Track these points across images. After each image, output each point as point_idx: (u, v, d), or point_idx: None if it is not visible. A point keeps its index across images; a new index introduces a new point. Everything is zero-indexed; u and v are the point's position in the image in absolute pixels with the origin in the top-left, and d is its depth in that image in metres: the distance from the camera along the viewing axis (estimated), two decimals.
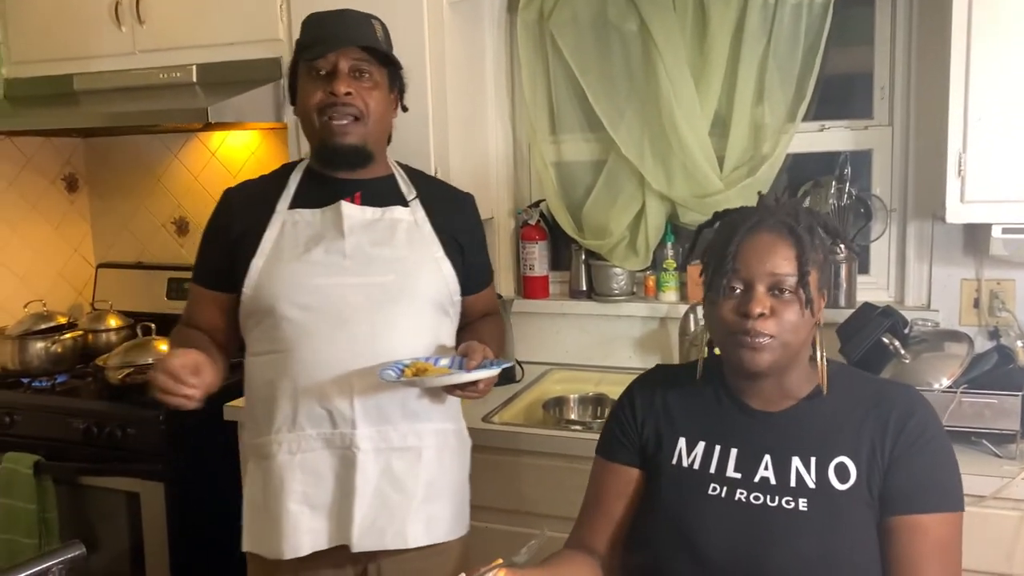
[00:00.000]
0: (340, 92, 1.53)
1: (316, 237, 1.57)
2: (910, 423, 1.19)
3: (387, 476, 1.55)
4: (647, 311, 2.51)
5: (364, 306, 1.54)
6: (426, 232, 1.63)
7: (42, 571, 1.19)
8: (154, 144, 3.01)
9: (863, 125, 2.32)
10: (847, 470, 1.19)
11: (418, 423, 1.58)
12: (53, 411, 2.43)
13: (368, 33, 1.58)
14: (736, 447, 1.25)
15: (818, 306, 1.21)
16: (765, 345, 1.18)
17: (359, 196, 1.61)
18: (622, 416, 1.37)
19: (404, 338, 1.56)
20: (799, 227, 1.19)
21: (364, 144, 1.58)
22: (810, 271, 1.17)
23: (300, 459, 1.55)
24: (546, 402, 2.32)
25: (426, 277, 1.60)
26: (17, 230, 2.89)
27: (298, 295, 1.53)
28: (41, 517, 2.35)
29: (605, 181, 2.50)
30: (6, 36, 2.78)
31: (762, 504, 1.20)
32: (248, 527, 1.63)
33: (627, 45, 2.40)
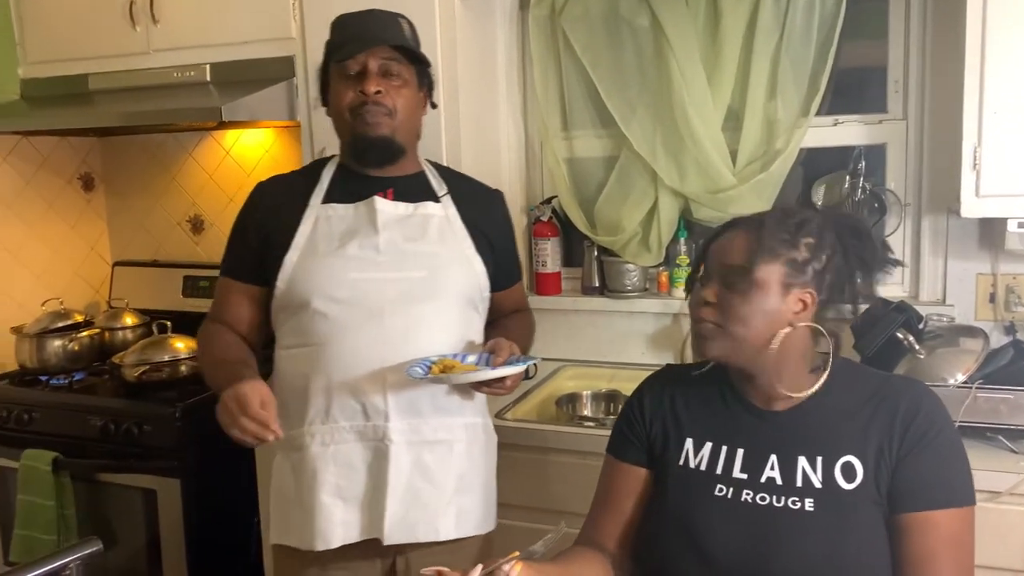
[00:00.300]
0: (370, 91, 1.55)
1: (350, 232, 1.59)
2: (917, 418, 1.18)
3: (419, 469, 1.57)
4: (660, 307, 2.51)
5: (397, 301, 1.56)
6: (457, 228, 1.65)
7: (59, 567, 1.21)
8: (169, 143, 3.03)
9: (877, 119, 2.31)
10: (854, 469, 1.18)
11: (449, 417, 1.60)
12: (71, 408, 2.45)
13: (396, 32, 1.60)
14: (742, 447, 1.25)
15: (794, 304, 1.19)
16: (711, 332, 1.22)
17: (391, 192, 1.63)
18: (631, 415, 1.38)
19: (435, 333, 1.58)
20: (774, 223, 1.20)
21: (394, 136, 1.59)
22: (760, 262, 1.17)
23: (333, 451, 1.57)
24: (559, 398, 2.32)
25: (457, 273, 1.62)
26: (35, 229, 2.92)
27: (333, 289, 1.55)
28: (60, 514, 2.37)
29: (617, 177, 2.50)
30: (22, 37, 2.80)
31: (768, 504, 1.20)
32: (277, 519, 1.65)
33: (639, 40, 2.40)
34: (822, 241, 1.21)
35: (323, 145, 2.30)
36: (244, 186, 2.91)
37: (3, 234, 2.81)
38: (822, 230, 1.22)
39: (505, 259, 1.74)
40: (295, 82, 2.40)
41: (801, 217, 1.22)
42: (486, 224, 1.69)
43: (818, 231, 1.21)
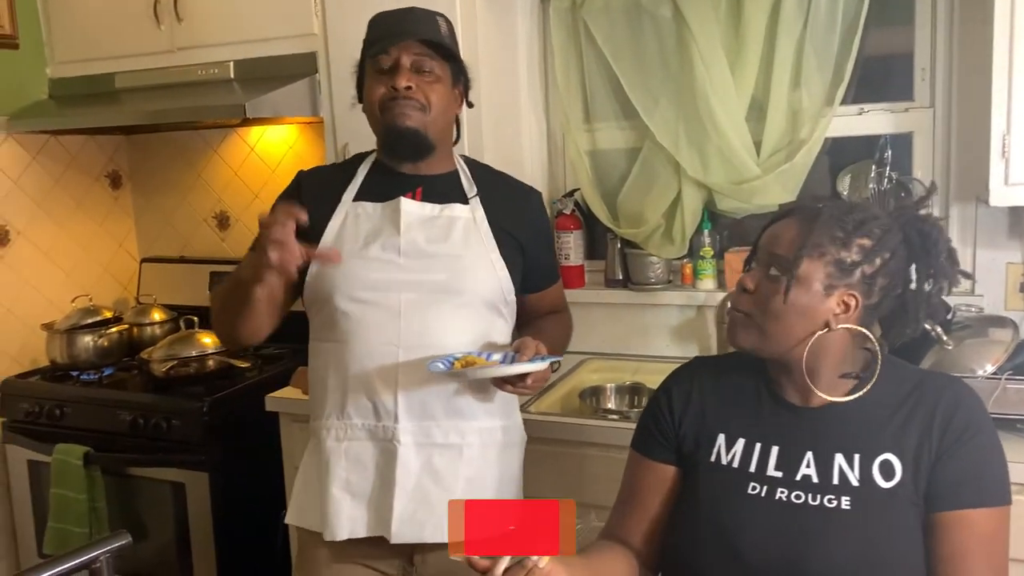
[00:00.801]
0: (401, 86, 1.54)
1: (375, 232, 1.60)
2: (956, 416, 1.16)
3: (428, 471, 1.57)
4: (684, 299, 2.49)
5: (416, 302, 1.56)
6: (483, 231, 1.63)
7: (90, 560, 1.23)
8: (194, 140, 3.06)
9: (903, 107, 2.28)
10: (892, 467, 1.16)
11: (462, 421, 1.59)
12: (101, 403, 2.50)
13: (431, 28, 1.59)
14: (777, 445, 1.23)
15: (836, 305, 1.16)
16: (742, 322, 1.21)
17: (420, 191, 1.63)
18: (658, 411, 1.35)
19: (454, 335, 1.57)
20: (830, 219, 1.16)
21: (425, 130, 1.58)
22: (804, 258, 1.14)
23: (346, 446, 1.58)
24: (583, 391, 2.32)
25: (479, 276, 1.60)
26: (64, 227, 2.96)
27: (353, 289, 1.56)
28: (91, 507, 2.41)
29: (640, 169, 2.49)
30: (50, 37, 2.84)
31: (803, 503, 1.18)
32: (296, 500, 1.69)
33: (661, 31, 2.38)
34: (881, 244, 1.16)
35: (346, 140, 2.31)
36: (269, 182, 2.94)
37: (34, 232, 2.85)
38: (885, 232, 1.17)
39: (539, 260, 1.72)
40: (318, 78, 2.41)
41: (863, 215, 1.17)
42: (516, 226, 1.66)
43: (880, 234, 1.16)
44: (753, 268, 1.23)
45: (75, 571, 1.21)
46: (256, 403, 2.25)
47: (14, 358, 2.79)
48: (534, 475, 2.03)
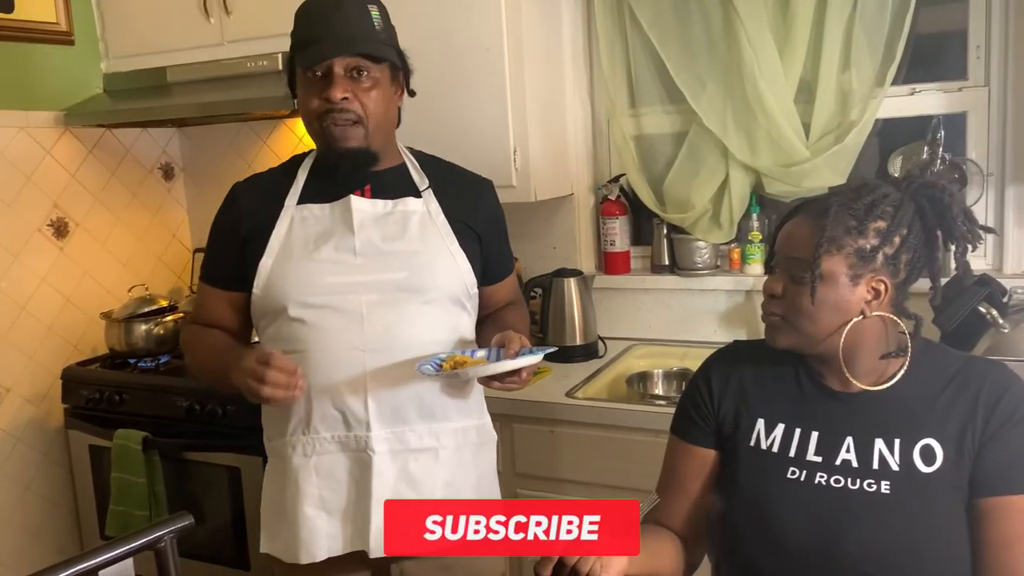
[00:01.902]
0: (336, 98, 1.46)
1: (326, 234, 1.52)
2: (1002, 402, 1.15)
3: (404, 478, 1.52)
4: (732, 284, 2.48)
5: (377, 304, 1.49)
6: (440, 223, 1.56)
7: (154, 539, 1.27)
8: (244, 131, 3.11)
9: (957, 87, 2.23)
10: (933, 452, 1.16)
11: (435, 423, 1.54)
12: (158, 390, 2.56)
13: (365, 28, 1.49)
14: (817, 430, 1.23)
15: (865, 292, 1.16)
16: (777, 325, 1.22)
17: (368, 189, 1.56)
18: (697, 395, 1.35)
19: (420, 334, 1.51)
20: (840, 208, 1.16)
21: (367, 146, 1.51)
22: (823, 257, 1.14)
23: (315, 462, 1.52)
24: (629, 377, 2.32)
25: (441, 271, 1.54)
26: (121, 218, 3.03)
27: (308, 295, 1.49)
28: (151, 490, 2.48)
29: (687, 153, 2.47)
30: (104, 33, 2.91)
31: (843, 487, 1.18)
32: (265, 529, 1.62)
33: (707, 13, 2.36)
34: (896, 222, 1.16)
35: None
36: None
37: (91, 224, 2.93)
38: (897, 209, 1.16)
39: (495, 252, 1.66)
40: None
41: (872, 197, 1.17)
42: (472, 217, 1.60)
43: (892, 211, 1.16)
44: (776, 272, 1.23)
45: (141, 550, 1.26)
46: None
47: (75, 346, 2.88)
48: (581, 460, 2.05)
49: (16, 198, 2.70)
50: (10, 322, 2.70)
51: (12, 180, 2.69)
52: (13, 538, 2.74)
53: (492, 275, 1.66)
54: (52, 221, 2.81)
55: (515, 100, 2.26)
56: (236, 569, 2.49)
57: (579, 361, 2.41)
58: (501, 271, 1.70)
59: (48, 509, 2.83)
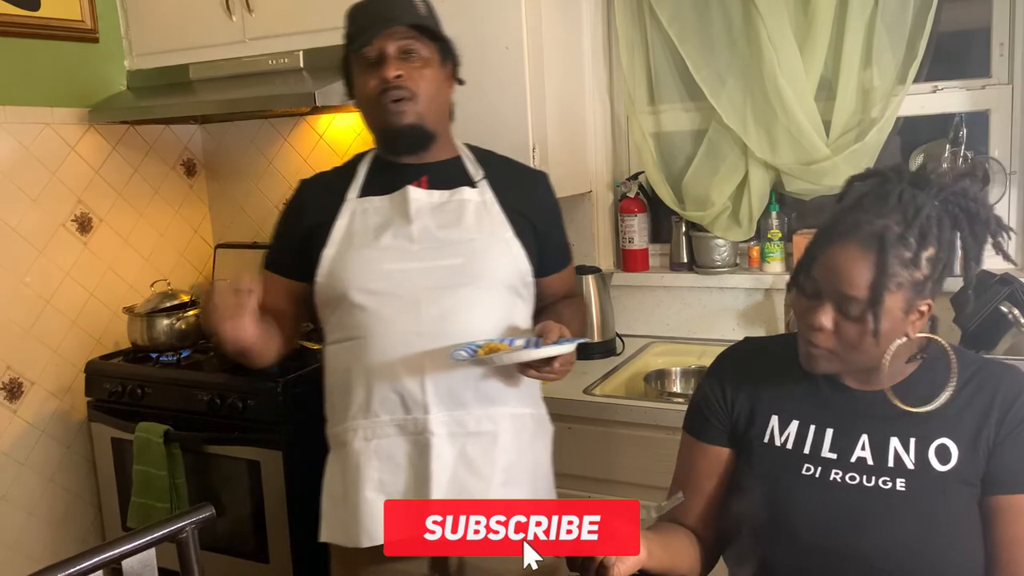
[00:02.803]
0: (390, 76, 1.52)
1: (384, 223, 1.57)
2: (1017, 403, 1.16)
3: (463, 461, 1.54)
4: (751, 282, 2.48)
5: (433, 289, 1.53)
6: (495, 213, 1.60)
7: (177, 529, 1.30)
8: (265, 128, 3.14)
9: (980, 84, 2.22)
10: (948, 452, 1.16)
11: (492, 407, 1.56)
12: (180, 384, 2.58)
13: (410, 10, 1.56)
14: (832, 427, 1.23)
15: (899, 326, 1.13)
16: (822, 355, 1.17)
17: (425, 180, 1.61)
18: (710, 393, 1.34)
19: (475, 320, 1.54)
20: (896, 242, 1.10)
21: (421, 123, 1.56)
22: (885, 297, 1.10)
23: (375, 445, 1.55)
24: (647, 375, 2.32)
25: (496, 258, 1.58)
26: (144, 214, 3.07)
27: (368, 281, 1.54)
28: (172, 483, 2.50)
29: (706, 151, 2.47)
30: (128, 31, 2.94)
31: (858, 484, 1.18)
32: (325, 517, 1.65)
33: (728, 11, 2.36)
34: (941, 244, 1.12)
35: None
36: None
37: (115, 219, 2.96)
38: (941, 229, 1.12)
39: (551, 243, 1.69)
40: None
41: (921, 222, 1.11)
42: (527, 207, 1.64)
43: (938, 232, 1.11)
44: (818, 301, 1.15)
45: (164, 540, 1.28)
46: None
47: (98, 340, 2.91)
48: (599, 457, 2.06)
49: (41, 193, 2.74)
50: (35, 316, 2.74)
51: (37, 176, 2.73)
52: (37, 529, 2.78)
53: (548, 266, 1.69)
54: (76, 216, 2.84)
55: (534, 98, 2.27)
56: (255, 562, 2.51)
57: (597, 358, 2.42)
58: (558, 262, 1.73)
59: (71, 501, 2.87)
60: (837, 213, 1.17)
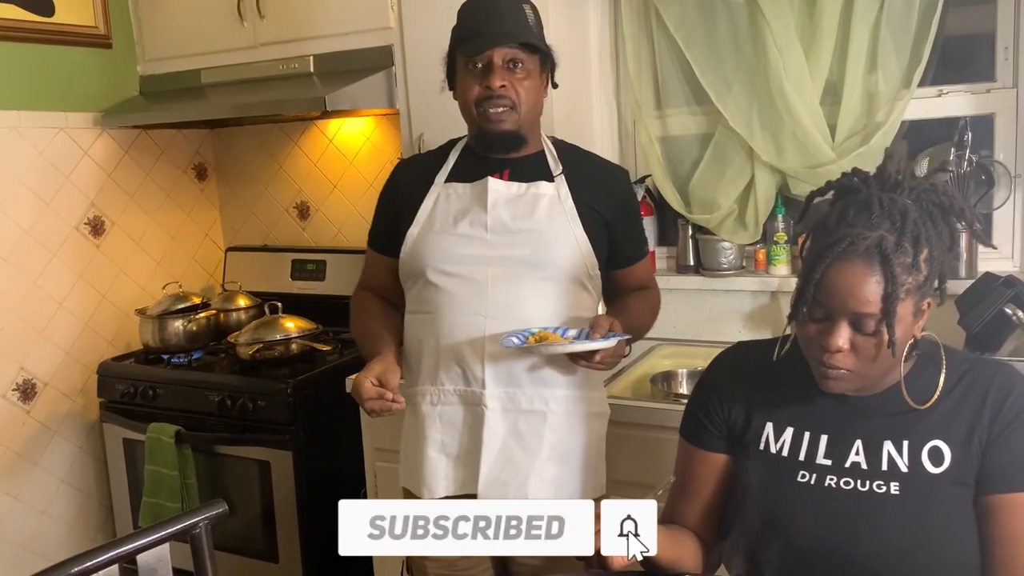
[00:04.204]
0: (496, 87, 1.61)
1: (464, 210, 1.68)
2: (1008, 401, 1.16)
3: (513, 434, 1.66)
4: (757, 285, 2.48)
5: (502, 276, 1.64)
6: (567, 207, 1.69)
7: (190, 525, 1.32)
8: (275, 133, 3.17)
9: (984, 88, 2.23)
10: (941, 453, 1.17)
11: (545, 388, 1.66)
12: (191, 385, 2.62)
13: (521, 23, 1.64)
14: (826, 433, 1.23)
15: (909, 329, 1.15)
16: (842, 376, 1.16)
17: (507, 173, 1.70)
18: (707, 400, 1.35)
19: (538, 307, 1.65)
20: (895, 250, 1.10)
21: (518, 130, 1.67)
22: (897, 308, 1.10)
23: (440, 410, 1.69)
24: (654, 376, 2.34)
25: (563, 251, 1.67)
26: (155, 217, 3.10)
27: (443, 263, 1.66)
28: (183, 483, 2.53)
29: (712, 154, 2.48)
30: (140, 37, 2.98)
31: (853, 489, 1.19)
32: (403, 464, 1.80)
33: (734, 16, 2.37)
34: (932, 242, 1.14)
35: (421, 131, 2.37)
36: (347, 173, 3.02)
37: (127, 223, 3.00)
38: (928, 228, 1.13)
39: (625, 237, 1.77)
40: (394, 71, 2.47)
41: (913, 226, 1.11)
42: (601, 203, 1.72)
43: (926, 231, 1.13)
44: (830, 323, 1.14)
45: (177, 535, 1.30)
46: (337, 385, 2.33)
47: (110, 342, 2.95)
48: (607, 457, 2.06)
49: (55, 197, 2.77)
50: (48, 318, 2.77)
51: (51, 180, 2.77)
52: (50, 529, 2.81)
53: (622, 259, 1.78)
54: (89, 220, 2.88)
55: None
56: (265, 562, 2.54)
57: None
58: (632, 255, 1.81)
59: (83, 501, 2.90)
60: (823, 232, 1.17)
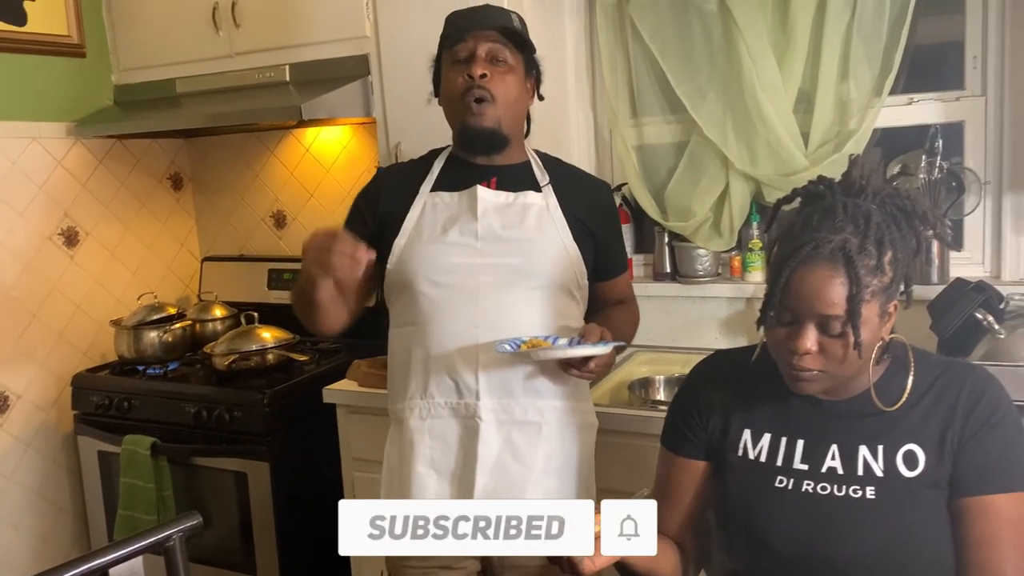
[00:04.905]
0: (476, 74, 1.61)
1: (452, 219, 1.67)
2: (980, 403, 1.18)
3: (508, 447, 1.63)
4: (733, 292, 2.50)
5: (493, 285, 1.63)
6: (556, 217, 1.69)
7: (164, 538, 1.30)
8: (252, 142, 3.16)
9: (954, 96, 2.26)
10: (916, 457, 1.18)
11: (540, 399, 1.65)
12: (167, 396, 2.59)
13: (505, 19, 1.67)
14: (802, 438, 1.25)
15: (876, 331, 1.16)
16: (812, 377, 1.18)
17: (495, 181, 1.70)
18: (687, 409, 1.36)
19: (529, 316, 1.64)
20: (859, 252, 1.12)
21: (499, 127, 1.65)
22: (862, 309, 1.11)
23: (429, 425, 1.65)
24: (631, 383, 2.34)
25: (553, 260, 1.67)
26: (130, 227, 3.08)
27: (433, 273, 1.64)
28: (159, 495, 2.51)
29: (687, 162, 2.50)
30: (115, 46, 2.96)
31: (829, 494, 1.20)
32: (384, 486, 1.76)
33: (707, 25, 2.39)
34: (896, 245, 1.15)
35: (398, 140, 2.37)
36: (324, 182, 3.02)
37: (102, 233, 2.97)
38: (891, 231, 1.15)
39: (607, 250, 1.78)
40: (370, 80, 2.47)
41: (876, 230, 1.13)
42: (588, 214, 1.72)
43: (890, 234, 1.14)
44: (797, 326, 1.16)
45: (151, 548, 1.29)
46: (314, 395, 2.32)
47: (84, 353, 2.92)
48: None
49: (28, 207, 2.74)
50: (21, 329, 2.74)
51: (24, 190, 2.74)
52: (23, 543, 2.77)
53: (605, 271, 1.79)
54: (63, 230, 2.85)
55: None
56: (243, 573, 2.52)
57: None
58: (614, 268, 1.82)
59: (57, 514, 2.87)
60: (788, 238, 1.18)
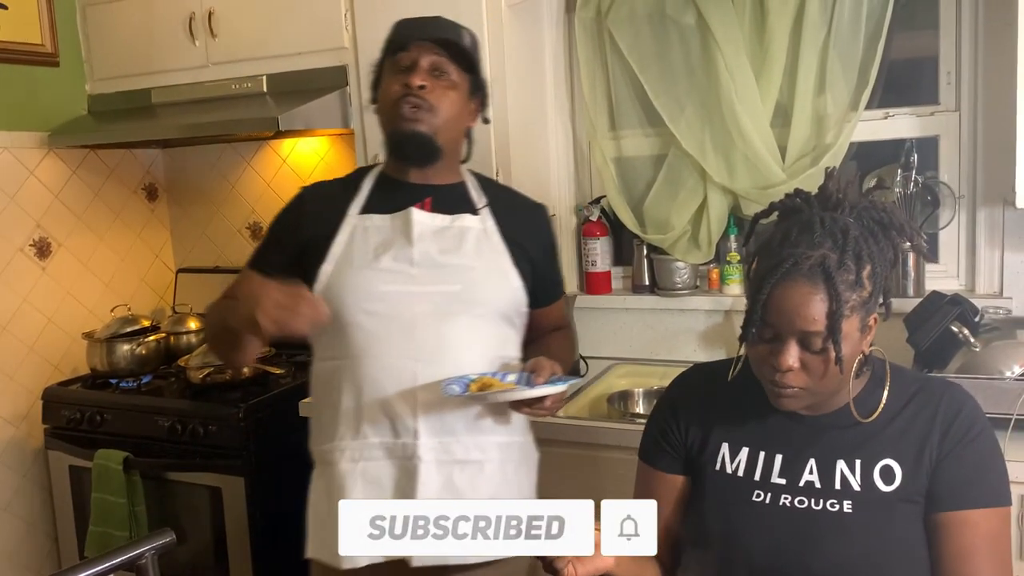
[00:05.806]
0: (415, 84, 1.52)
1: (385, 244, 1.56)
2: (957, 419, 1.18)
3: (449, 488, 1.52)
4: (711, 304, 2.51)
5: (430, 315, 1.52)
6: (495, 242, 1.60)
7: (137, 555, 1.27)
8: (228, 153, 3.13)
9: (929, 111, 2.28)
10: (893, 472, 1.19)
11: (482, 436, 1.55)
12: (140, 410, 2.55)
13: (455, 34, 1.58)
14: (780, 452, 1.25)
15: (857, 345, 1.16)
16: (795, 394, 1.18)
17: (429, 202, 1.59)
18: (665, 423, 1.36)
19: (468, 348, 1.54)
20: (838, 268, 1.12)
21: (433, 135, 1.54)
22: (843, 324, 1.11)
23: (362, 467, 1.53)
24: (611, 396, 2.34)
25: (493, 287, 1.58)
26: (104, 238, 3.04)
27: (366, 302, 1.52)
28: (131, 511, 2.47)
29: (666, 175, 2.51)
30: (89, 55, 2.92)
31: (807, 508, 1.20)
32: (311, 533, 1.63)
33: (685, 39, 2.41)
34: (874, 258, 1.15)
35: (376, 151, 2.36)
36: None
37: (74, 244, 2.93)
38: (869, 244, 1.15)
39: (545, 275, 1.69)
40: (348, 91, 2.46)
41: (854, 244, 1.13)
42: (526, 238, 1.64)
43: (868, 248, 1.15)
44: (779, 343, 1.15)
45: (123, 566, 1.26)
46: (290, 409, 2.29)
47: (56, 366, 2.87)
48: (562, 479, 2.06)
49: None
50: None
51: None
52: None
53: (542, 297, 1.68)
54: (35, 241, 2.81)
55: (497, 123, 2.28)
56: None
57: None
58: (551, 294, 1.73)
59: (26, 531, 2.81)
60: (767, 253, 1.18)
